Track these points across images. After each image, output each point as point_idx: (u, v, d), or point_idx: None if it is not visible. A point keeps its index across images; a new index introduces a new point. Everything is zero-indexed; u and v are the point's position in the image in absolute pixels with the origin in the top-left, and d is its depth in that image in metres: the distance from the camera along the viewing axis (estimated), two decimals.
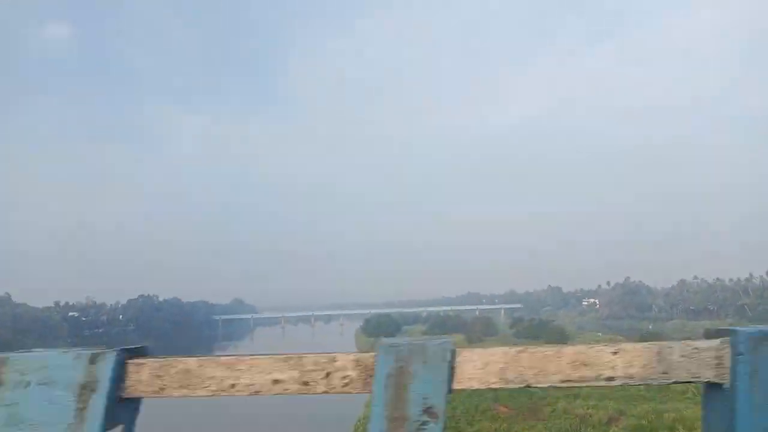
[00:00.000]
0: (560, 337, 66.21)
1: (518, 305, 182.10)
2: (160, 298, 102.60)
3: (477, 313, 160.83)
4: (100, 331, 78.35)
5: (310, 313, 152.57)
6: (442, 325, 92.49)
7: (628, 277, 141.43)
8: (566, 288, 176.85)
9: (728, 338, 1.60)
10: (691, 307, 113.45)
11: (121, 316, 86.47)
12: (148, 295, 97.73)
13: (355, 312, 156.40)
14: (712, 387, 1.66)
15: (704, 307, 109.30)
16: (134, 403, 1.72)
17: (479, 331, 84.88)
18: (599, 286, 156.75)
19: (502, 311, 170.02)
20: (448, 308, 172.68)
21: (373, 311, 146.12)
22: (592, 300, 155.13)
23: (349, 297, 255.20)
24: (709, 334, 1.69)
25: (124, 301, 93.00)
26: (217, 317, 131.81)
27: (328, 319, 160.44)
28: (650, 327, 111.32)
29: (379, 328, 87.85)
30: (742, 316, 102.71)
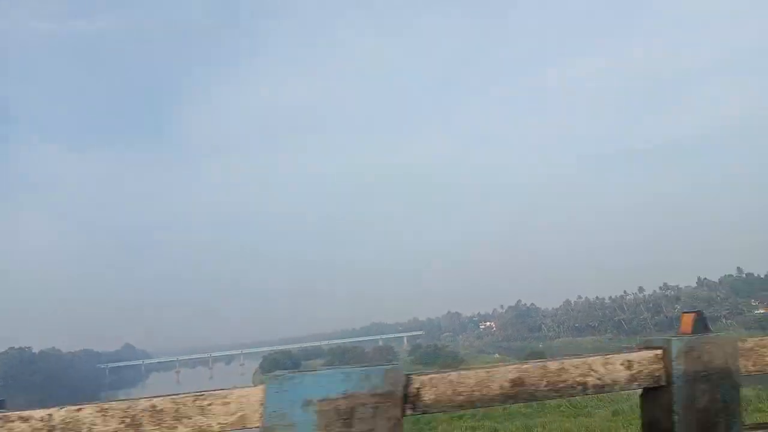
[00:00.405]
0: (453, 361, 68.27)
1: (420, 332, 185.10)
2: (35, 350, 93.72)
3: (380, 342, 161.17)
4: None
5: (207, 355, 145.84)
6: (341, 356, 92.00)
7: (520, 300, 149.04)
8: (465, 312, 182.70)
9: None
10: (576, 325, 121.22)
11: None
12: (20, 347, 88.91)
13: (257, 350, 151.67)
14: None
15: (587, 324, 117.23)
16: None
17: (379, 360, 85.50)
18: (494, 309, 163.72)
19: (405, 339, 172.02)
20: (350, 340, 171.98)
21: (276, 347, 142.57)
22: (489, 323, 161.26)
23: (249, 336, 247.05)
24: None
25: None
26: (103, 365, 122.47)
27: (230, 359, 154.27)
28: (540, 346, 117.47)
29: (276, 365, 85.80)
30: (620, 330, 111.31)
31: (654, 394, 1.93)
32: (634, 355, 1.88)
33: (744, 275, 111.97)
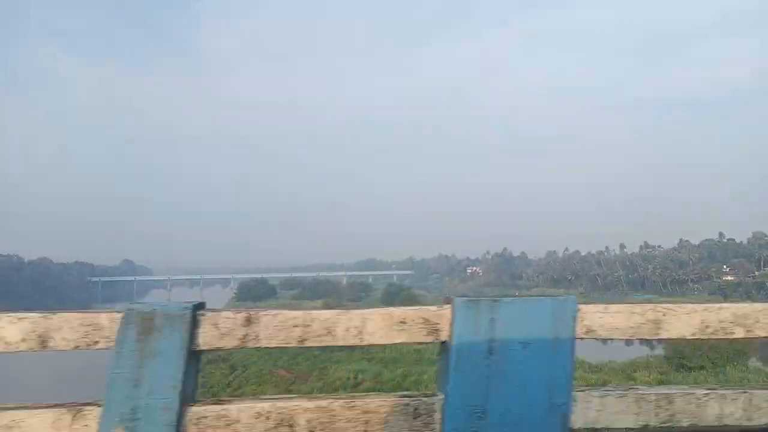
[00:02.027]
0: (410, 302, 70.91)
1: (409, 272, 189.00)
2: (26, 259, 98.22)
3: (370, 279, 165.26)
4: None
5: (198, 277, 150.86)
6: (313, 290, 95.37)
7: (506, 248, 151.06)
8: (457, 255, 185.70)
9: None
10: (554, 276, 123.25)
11: None
12: (9, 254, 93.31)
13: (249, 276, 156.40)
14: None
15: (564, 276, 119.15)
16: None
17: (347, 296, 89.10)
18: (484, 255, 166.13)
19: (395, 277, 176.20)
20: (344, 273, 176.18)
21: (270, 275, 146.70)
22: (475, 268, 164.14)
23: (253, 263, 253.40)
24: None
25: None
26: (96, 279, 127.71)
27: (226, 282, 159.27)
28: (516, 293, 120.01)
29: (249, 292, 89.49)
30: (594, 284, 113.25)
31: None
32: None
33: (725, 240, 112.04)
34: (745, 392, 1.89)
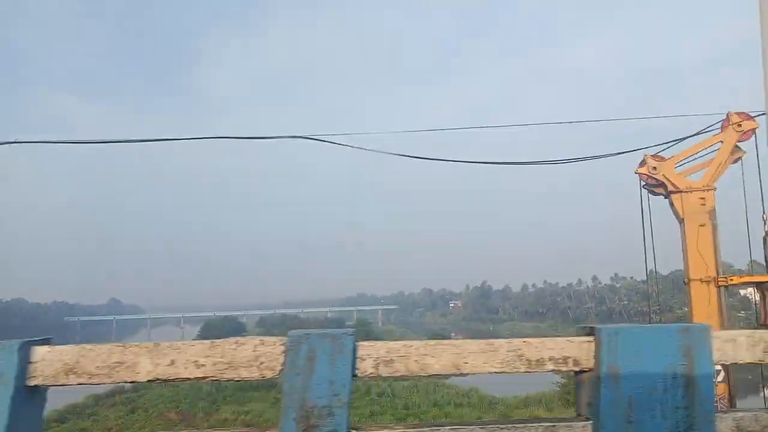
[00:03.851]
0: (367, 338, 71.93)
1: (394, 306, 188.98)
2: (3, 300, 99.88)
3: (355, 315, 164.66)
4: None
5: (180, 315, 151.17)
6: (281, 326, 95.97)
7: (485, 281, 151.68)
8: (435, 288, 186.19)
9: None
10: (527, 310, 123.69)
11: None
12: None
13: (246, 312, 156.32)
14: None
15: (536, 310, 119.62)
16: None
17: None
18: (463, 289, 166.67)
19: (380, 312, 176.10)
20: (328, 309, 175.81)
21: (258, 312, 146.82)
22: (457, 302, 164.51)
23: (249, 298, 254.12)
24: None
25: None
26: (74, 319, 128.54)
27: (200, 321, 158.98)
28: (491, 328, 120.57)
29: (214, 330, 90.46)
30: (566, 316, 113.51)
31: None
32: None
33: None
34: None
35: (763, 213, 9.63)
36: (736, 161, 10.47)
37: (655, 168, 10.23)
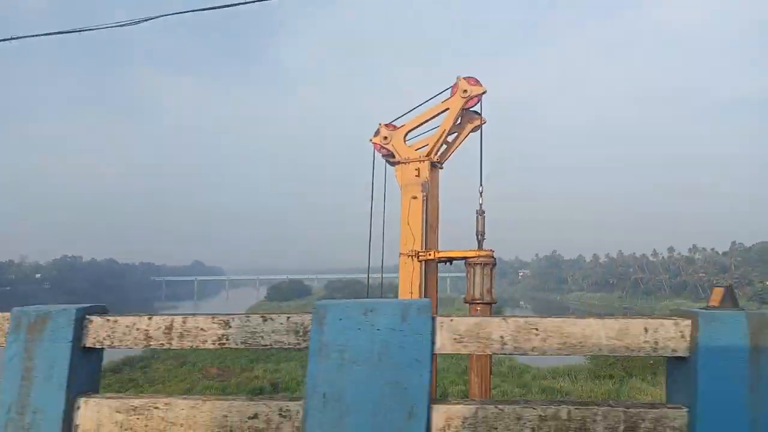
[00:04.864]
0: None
1: (461, 274, 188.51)
2: (86, 259, 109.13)
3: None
4: (7, 289, 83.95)
5: (255, 278, 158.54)
6: (343, 290, 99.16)
7: (555, 251, 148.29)
8: (507, 257, 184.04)
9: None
10: (597, 280, 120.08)
11: (38, 275, 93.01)
12: (72, 255, 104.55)
13: (317, 276, 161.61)
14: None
15: (606, 281, 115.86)
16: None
17: (373, 296, 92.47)
18: (535, 256, 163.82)
19: (448, 280, 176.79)
20: (395, 275, 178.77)
21: (332, 276, 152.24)
22: (526, 272, 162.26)
23: (321, 263, 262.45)
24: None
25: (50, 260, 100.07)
26: (159, 278, 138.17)
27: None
28: (558, 298, 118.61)
29: (279, 293, 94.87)
30: (636, 288, 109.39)
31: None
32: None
33: None
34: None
35: (480, 187, 9.29)
36: (475, 130, 9.89)
37: (386, 138, 9.71)
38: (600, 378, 32.04)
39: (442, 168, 10.01)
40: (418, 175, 9.27)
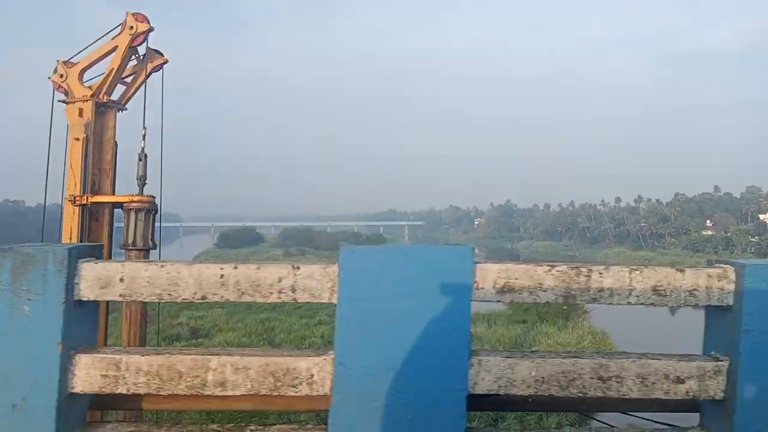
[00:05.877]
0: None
1: (420, 223, 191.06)
2: (31, 203, 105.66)
3: (381, 230, 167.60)
4: None
5: (210, 224, 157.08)
6: (296, 238, 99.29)
7: (509, 200, 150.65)
8: (464, 206, 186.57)
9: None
10: (547, 229, 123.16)
11: None
12: (14, 200, 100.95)
13: (273, 224, 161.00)
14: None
15: (555, 229, 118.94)
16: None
17: (330, 246, 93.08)
18: (490, 206, 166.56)
19: (406, 228, 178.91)
20: (354, 224, 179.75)
21: (288, 224, 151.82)
22: (481, 220, 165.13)
23: (277, 210, 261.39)
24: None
25: None
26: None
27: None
28: (509, 246, 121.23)
29: (228, 240, 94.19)
30: (583, 237, 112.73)
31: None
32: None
33: (720, 194, 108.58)
34: None
35: (143, 129, 9.16)
36: (157, 69, 9.52)
37: (62, 75, 9.00)
38: (514, 323, 33.14)
39: (126, 109, 9.54)
40: (81, 116, 8.75)
